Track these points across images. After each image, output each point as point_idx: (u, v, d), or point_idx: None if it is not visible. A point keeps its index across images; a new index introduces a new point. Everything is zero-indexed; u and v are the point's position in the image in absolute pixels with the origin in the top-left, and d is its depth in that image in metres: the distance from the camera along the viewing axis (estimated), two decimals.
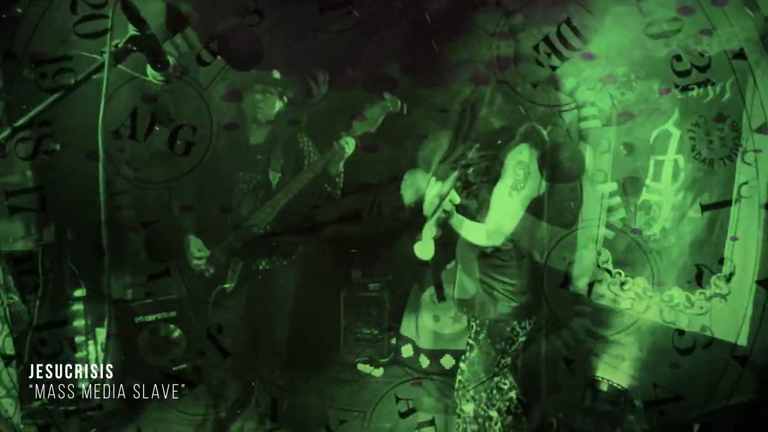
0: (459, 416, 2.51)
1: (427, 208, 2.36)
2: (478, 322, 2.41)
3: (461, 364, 2.49)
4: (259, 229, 2.94)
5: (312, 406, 3.50)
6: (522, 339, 2.41)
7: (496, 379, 2.40)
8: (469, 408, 2.43)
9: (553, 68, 2.59)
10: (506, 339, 2.36)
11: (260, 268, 3.06)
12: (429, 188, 2.33)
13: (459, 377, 2.49)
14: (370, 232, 3.61)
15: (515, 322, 2.36)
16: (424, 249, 2.26)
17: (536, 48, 2.53)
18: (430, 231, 2.26)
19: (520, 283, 2.35)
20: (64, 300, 3.28)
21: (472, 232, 2.30)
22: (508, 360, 2.41)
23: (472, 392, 2.41)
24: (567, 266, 3.06)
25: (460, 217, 2.30)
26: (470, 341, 2.45)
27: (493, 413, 2.41)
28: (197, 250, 2.93)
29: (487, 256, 2.37)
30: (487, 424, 2.40)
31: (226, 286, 2.90)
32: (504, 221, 2.26)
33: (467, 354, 2.46)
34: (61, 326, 3.23)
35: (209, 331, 2.87)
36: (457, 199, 2.25)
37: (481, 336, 2.39)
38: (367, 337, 4.19)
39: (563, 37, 2.51)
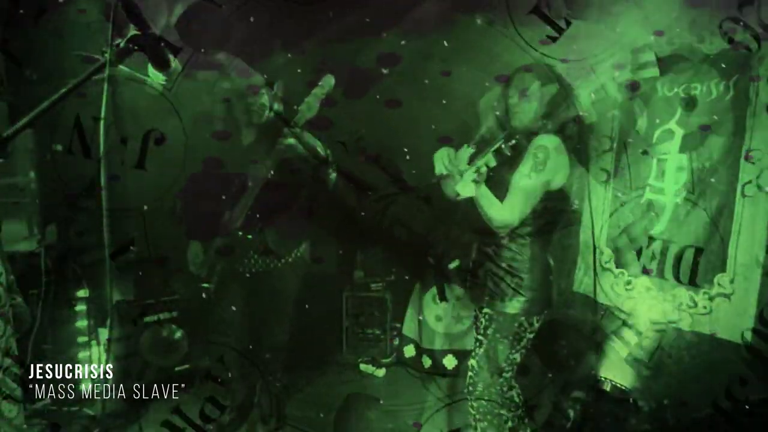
0: (471, 414, 2.50)
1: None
2: (486, 317, 2.41)
3: (471, 361, 2.48)
4: (236, 226, 2.92)
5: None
6: (530, 336, 2.40)
7: (506, 375, 2.39)
8: (480, 404, 2.42)
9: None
10: (514, 335, 2.35)
11: (254, 270, 3.04)
12: (462, 151, 2.31)
13: (470, 373, 2.48)
14: (364, 223, 3.57)
15: (523, 318, 2.35)
16: (465, 187, 2.25)
17: None
18: (470, 176, 2.25)
19: (530, 278, 2.34)
20: (67, 300, 3.28)
21: (491, 204, 2.28)
22: (517, 357, 2.40)
23: (482, 388, 2.40)
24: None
25: (486, 190, 2.28)
26: (479, 337, 2.44)
27: (504, 411, 2.40)
28: (194, 257, 2.99)
29: (500, 246, 2.36)
30: (497, 421, 2.40)
31: (207, 285, 2.93)
32: (520, 202, 2.26)
33: (476, 350, 2.45)
34: (64, 326, 3.23)
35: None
36: (493, 162, 2.24)
37: (490, 331, 2.38)
38: (369, 337, 4.19)
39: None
